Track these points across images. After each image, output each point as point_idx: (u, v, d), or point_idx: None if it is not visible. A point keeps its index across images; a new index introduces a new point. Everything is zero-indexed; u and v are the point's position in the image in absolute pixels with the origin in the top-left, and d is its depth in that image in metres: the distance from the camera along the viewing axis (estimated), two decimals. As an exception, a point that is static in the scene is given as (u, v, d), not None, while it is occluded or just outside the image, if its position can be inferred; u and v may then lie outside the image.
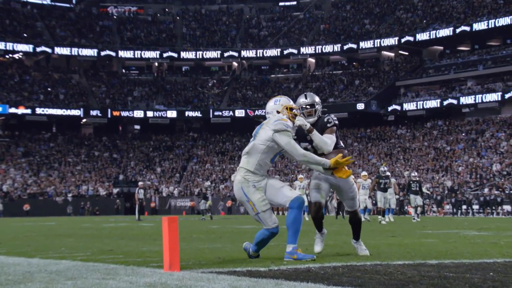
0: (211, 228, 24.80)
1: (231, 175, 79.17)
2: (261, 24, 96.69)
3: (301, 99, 10.11)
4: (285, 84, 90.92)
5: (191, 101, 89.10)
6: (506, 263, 8.70)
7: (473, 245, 12.21)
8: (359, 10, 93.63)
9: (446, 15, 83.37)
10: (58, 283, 6.69)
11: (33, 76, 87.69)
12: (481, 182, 64.32)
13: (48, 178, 76.83)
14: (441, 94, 78.93)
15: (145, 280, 6.79)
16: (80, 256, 10.53)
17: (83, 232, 21.53)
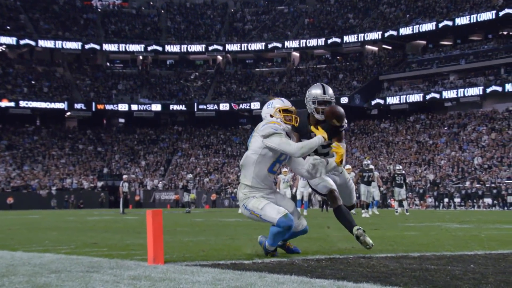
0: (195, 221, 24.78)
1: (215, 168, 79.50)
2: (246, 18, 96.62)
3: (318, 90, 9.40)
4: (270, 77, 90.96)
5: (175, 95, 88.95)
6: (486, 255, 8.77)
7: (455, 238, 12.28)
8: (343, 4, 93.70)
9: (429, 10, 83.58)
10: (42, 276, 6.67)
11: (17, 69, 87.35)
12: (463, 176, 64.59)
13: (32, 171, 76.56)
14: (424, 88, 79.19)
15: (129, 273, 6.78)
16: (64, 249, 10.48)
17: (67, 225, 21.45)
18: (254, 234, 13.96)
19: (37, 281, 6.30)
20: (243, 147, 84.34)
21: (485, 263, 7.78)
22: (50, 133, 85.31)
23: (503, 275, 6.58)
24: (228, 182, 73.67)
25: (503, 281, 6.14)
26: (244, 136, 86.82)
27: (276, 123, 8.64)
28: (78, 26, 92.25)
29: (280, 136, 8.47)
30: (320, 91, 9.36)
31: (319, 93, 9.33)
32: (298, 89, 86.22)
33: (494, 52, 76.20)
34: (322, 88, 9.40)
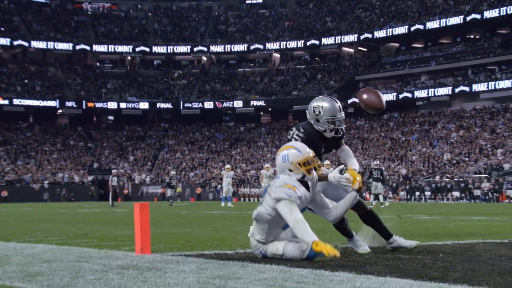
0: (181, 213, 24.75)
1: (200, 163, 79.36)
2: (229, 20, 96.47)
3: (333, 106, 7.90)
4: (252, 77, 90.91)
5: (162, 93, 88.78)
6: (454, 245, 8.83)
7: (425, 229, 12.35)
8: (321, 8, 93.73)
9: (401, 14, 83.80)
10: (34, 266, 6.67)
11: (11, 68, 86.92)
12: (433, 170, 64.83)
13: (25, 166, 76.31)
14: (397, 88, 79.36)
15: (118, 263, 6.78)
16: (56, 240, 10.48)
17: (58, 218, 21.38)
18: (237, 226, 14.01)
19: (30, 270, 6.29)
20: (226, 143, 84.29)
21: (453, 252, 7.84)
22: (42, 129, 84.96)
23: (470, 264, 6.63)
24: (212, 176, 73.57)
25: (469, 269, 6.19)
26: (227, 132, 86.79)
27: (292, 188, 7.17)
28: (69, 28, 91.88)
29: (287, 204, 7.11)
30: (337, 106, 7.88)
31: (337, 110, 7.85)
32: (279, 89, 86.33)
33: (462, 55, 76.55)
34: (338, 104, 7.94)
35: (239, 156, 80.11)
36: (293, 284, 5.19)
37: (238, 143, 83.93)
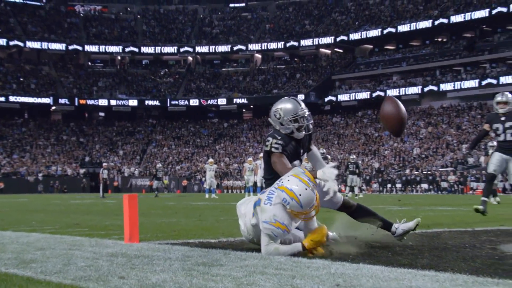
0: (168, 204, 24.72)
1: (186, 157, 79.25)
2: (214, 23, 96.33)
3: (290, 105, 7.07)
4: (235, 76, 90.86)
5: (150, 91, 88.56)
6: (422, 233, 8.88)
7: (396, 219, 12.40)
8: (300, 12, 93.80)
9: (375, 18, 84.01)
10: (29, 253, 6.65)
11: (7, 67, 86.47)
12: (404, 164, 65.16)
13: (21, 159, 76.06)
14: (371, 87, 79.64)
15: (108, 251, 6.76)
16: (49, 229, 10.43)
17: (52, 208, 21.31)
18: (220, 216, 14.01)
19: (24, 258, 6.28)
20: (210, 138, 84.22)
21: (421, 240, 7.89)
22: (37, 125, 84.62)
23: (437, 251, 6.68)
24: (197, 169, 73.50)
25: (436, 255, 6.24)
26: (212, 128, 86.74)
27: (282, 227, 6.31)
28: (62, 29, 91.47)
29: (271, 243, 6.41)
30: (295, 104, 7.03)
31: (296, 107, 7.00)
32: (260, 87, 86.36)
33: (430, 56, 77.02)
34: (296, 101, 7.10)
35: (222, 151, 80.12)
36: (273, 270, 5.20)
37: (222, 138, 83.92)
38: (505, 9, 70.37)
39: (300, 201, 6.08)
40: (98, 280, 4.76)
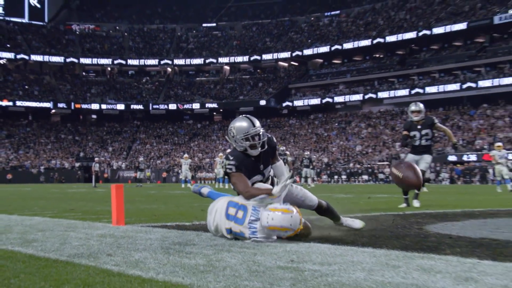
0: (150, 193, 24.63)
1: (165, 153, 78.96)
2: (189, 39, 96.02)
3: (244, 123, 6.20)
4: (207, 85, 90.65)
5: (135, 97, 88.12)
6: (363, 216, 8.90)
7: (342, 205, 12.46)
8: (262, 31, 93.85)
9: (324, 37, 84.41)
10: (31, 234, 6.62)
11: (14, 77, 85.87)
12: (348, 159, 65.47)
13: (26, 154, 75.63)
14: (321, 94, 79.93)
15: (98, 232, 6.72)
16: (49, 213, 10.33)
17: (51, 196, 21.14)
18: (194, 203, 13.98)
19: (27, 238, 6.25)
20: (186, 137, 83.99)
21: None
22: (39, 125, 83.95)
23: (374, 231, 6.72)
24: (175, 163, 73.21)
25: (373, 235, 6.28)
26: (187, 129, 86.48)
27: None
28: (61, 44, 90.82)
29: None
30: (247, 122, 6.16)
31: (248, 126, 6.13)
32: (228, 94, 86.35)
33: (370, 69, 77.76)
34: (249, 120, 6.21)
35: (196, 147, 79.92)
36: (238, 249, 5.21)
37: (196, 137, 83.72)
38: (429, 32, 71.81)
39: (292, 228, 5.54)
40: (89, 257, 4.74)
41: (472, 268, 4.04)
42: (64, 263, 4.44)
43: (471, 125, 63.90)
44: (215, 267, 4.17)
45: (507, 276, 3.76)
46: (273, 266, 4.17)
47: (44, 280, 3.70)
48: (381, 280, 3.61)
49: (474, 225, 7.63)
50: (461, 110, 67.72)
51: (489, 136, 60.14)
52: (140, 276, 3.80)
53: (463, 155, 58.40)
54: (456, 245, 5.39)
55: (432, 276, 3.73)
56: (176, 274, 3.89)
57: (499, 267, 4.10)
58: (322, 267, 4.12)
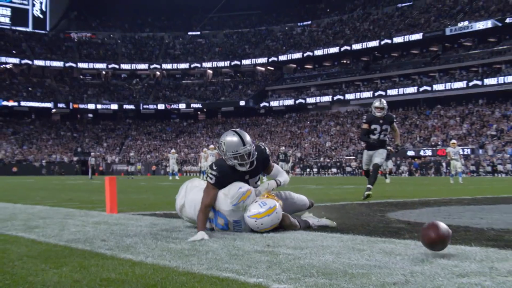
0: (140, 184, 24.58)
1: (155, 148, 78.69)
2: (176, 46, 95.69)
3: (234, 139, 5.49)
4: (192, 87, 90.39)
5: (127, 98, 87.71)
6: (332, 206, 8.94)
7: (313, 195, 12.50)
8: (242, 39, 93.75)
9: (297, 45, 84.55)
10: (34, 221, 6.59)
11: (19, 80, 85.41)
12: (319, 154, 65.66)
13: (29, 150, 75.31)
14: (294, 96, 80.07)
15: (93, 220, 6.69)
16: (49, 203, 10.25)
17: (52, 187, 21.01)
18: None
19: (30, 224, 6.21)
20: (173, 134, 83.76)
21: (331, 211, 7.95)
22: (41, 123, 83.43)
23: (342, 219, 6.75)
24: (163, 158, 72.94)
25: (342, 222, 6.30)
26: (174, 126, 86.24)
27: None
28: (61, 50, 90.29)
29: None
30: (237, 141, 5.45)
31: (238, 145, 5.43)
32: (211, 95, 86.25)
33: (338, 74, 78.10)
34: (239, 138, 5.48)
35: (182, 143, 79.69)
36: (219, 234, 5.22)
37: (182, 134, 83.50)
38: (390, 41, 72.35)
39: (279, 220, 5.35)
40: (85, 242, 4.71)
41: (428, 251, 4.07)
42: (62, 248, 4.41)
43: (427, 124, 64.48)
44: (198, 251, 4.17)
45: (457, 257, 3.80)
46: (251, 250, 4.17)
47: (45, 262, 3.69)
48: (348, 262, 3.62)
49: (429, 212, 7.69)
50: (418, 110, 68.33)
51: (442, 133, 60.74)
52: (131, 260, 3.79)
53: (420, 150, 58.94)
54: (414, 231, 5.43)
55: (393, 258, 3.75)
56: (163, 257, 3.87)
57: (451, 249, 4.15)
58: (295, 251, 4.13)
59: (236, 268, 3.43)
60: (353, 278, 3.08)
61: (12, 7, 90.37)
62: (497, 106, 62.01)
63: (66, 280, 3.09)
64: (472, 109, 63.42)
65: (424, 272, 3.27)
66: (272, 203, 5.36)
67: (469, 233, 5.20)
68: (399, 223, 6.24)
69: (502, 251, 4.08)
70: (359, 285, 2.90)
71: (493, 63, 63.81)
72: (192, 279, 3.09)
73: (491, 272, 3.27)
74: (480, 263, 3.58)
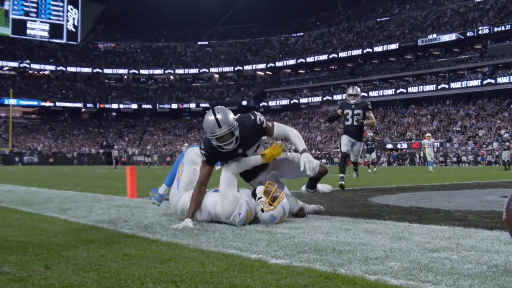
0: (157, 173, 24.60)
1: (169, 142, 78.73)
2: (187, 54, 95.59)
3: (211, 125, 4.54)
4: (201, 89, 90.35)
5: (145, 98, 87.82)
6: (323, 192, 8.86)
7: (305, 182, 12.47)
8: (244, 48, 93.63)
9: (291, 53, 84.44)
10: (66, 204, 6.60)
11: (55, 84, 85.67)
12: (310, 147, 65.60)
13: (63, 143, 75.66)
14: (290, 96, 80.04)
15: (116, 203, 6.69)
16: (80, 188, 10.25)
17: (82, 175, 21.01)
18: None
19: (63, 207, 6.21)
20: (185, 130, 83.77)
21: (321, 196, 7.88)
22: (73, 121, 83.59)
23: (330, 202, 6.71)
24: (176, 150, 73.04)
25: (329, 205, 6.27)
26: (186, 123, 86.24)
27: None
28: (89, 59, 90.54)
29: None
30: (212, 123, 4.51)
31: (213, 127, 4.50)
32: (218, 96, 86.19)
33: (327, 78, 78.00)
34: (214, 120, 4.50)
35: (193, 138, 79.63)
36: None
37: (192, 130, 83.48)
38: (371, 50, 72.69)
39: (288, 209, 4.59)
40: (109, 223, 4.70)
41: (404, 230, 4.07)
42: (90, 227, 4.42)
43: (403, 121, 64.51)
44: (207, 230, 4.16)
45: (429, 235, 3.80)
46: (252, 230, 4.17)
47: (75, 239, 3.69)
48: (336, 240, 3.61)
49: (405, 197, 7.67)
50: (396, 109, 68.34)
51: (416, 129, 60.79)
52: (148, 238, 3.78)
53: (397, 143, 58.99)
54: (392, 212, 5.42)
55: (375, 236, 3.74)
56: (176, 236, 3.87)
57: (424, 229, 4.14)
58: (290, 230, 4.12)
59: (240, 245, 3.42)
60: (341, 254, 3.07)
61: (50, 23, 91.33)
62: (461, 106, 62.15)
63: (93, 255, 3.10)
64: (441, 109, 63.48)
65: (402, 248, 3.26)
66: (279, 212, 4.45)
67: (439, 214, 5.20)
68: (380, 206, 6.23)
69: (466, 229, 4.11)
70: (346, 260, 2.90)
71: (458, 70, 64.05)
72: (201, 255, 3.08)
73: (457, 247, 3.29)
74: (448, 240, 3.58)
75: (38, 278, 2.53)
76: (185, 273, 2.61)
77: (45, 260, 2.97)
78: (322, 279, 2.47)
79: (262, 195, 4.49)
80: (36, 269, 2.71)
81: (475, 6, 69.06)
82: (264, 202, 4.45)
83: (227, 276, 2.53)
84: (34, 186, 11.24)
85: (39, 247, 3.39)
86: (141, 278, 2.51)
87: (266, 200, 4.45)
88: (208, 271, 2.64)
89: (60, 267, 2.76)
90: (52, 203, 6.84)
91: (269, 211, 4.44)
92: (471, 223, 4.47)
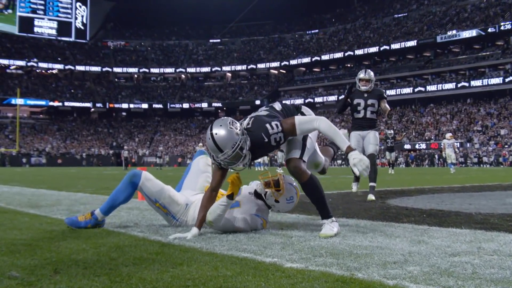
0: (168, 174, 24.66)
1: (180, 143, 78.94)
2: (199, 52, 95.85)
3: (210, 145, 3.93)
4: (213, 88, 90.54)
5: (156, 98, 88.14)
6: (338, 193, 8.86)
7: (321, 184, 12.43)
8: (257, 45, 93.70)
9: (306, 50, 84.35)
10: (75, 206, 6.62)
11: (63, 83, 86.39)
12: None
13: (72, 144, 76.06)
14: (304, 95, 79.89)
15: (127, 206, 6.67)
16: (89, 190, 10.30)
17: (91, 176, 21.13)
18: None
19: (73, 209, 6.23)
20: (197, 130, 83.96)
21: (337, 197, 7.86)
22: (82, 121, 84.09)
23: (347, 204, 6.68)
24: (188, 151, 73.28)
25: (347, 208, 6.24)
26: (197, 123, 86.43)
27: None
28: (99, 57, 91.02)
29: None
30: (213, 148, 3.92)
31: (214, 150, 3.93)
32: (230, 95, 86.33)
33: (342, 76, 77.61)
34: (215, 145, 3.88)
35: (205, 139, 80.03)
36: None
37: (204, 130, 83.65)
38: (388, 47, 72.39)
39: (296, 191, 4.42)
40: (120, 226, 4.73)
41: (424, 233, 4.04)
42: (100, 230, 4.43)
43: (421, 120, 64.15)
44: (220, 234, 4.16)
45: (450, 238, 3.77)
46: (267, 233, 4.16)
47: (85, 243, 3.70)
48: (353, 243, 3.60)
49: (424, 199, 7.63)
50: (414, 109, 67.98)
51: (435, 129, 60.41)
52: (160, 241, 3.79)
53: (416, 144, 58.70)
54: (411, 215, 5.39)
55: (393, 240, 3.72)
56: (188, 239, 3.87)
57: (444, 232, 4.11)
58: (306, 233, 4.11)
59: (254, 249, 3.42)
60: (358, 258, 3.06)
61: (58, 21, 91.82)
62: (482, 105, 61.65)
63: (104, 259, 3.10)
64: (461, 108, 63.02)
65: (421, 252, 3.24)
66: (290, 190, 4.36)
67: (459, 217, 5.16)
68: (398, 209, 6.19)
69: (488, 232, 4.07)
70: (363, 264, 2.88)
71: (478, 67, 63.52)
72: (214, 259, 3.08)
73: (479, 251, 3.26)
74: (469, 243, 3.55)
75: (47, 282, 2.53)
76: (198, 277, 2.61)
77: (54, 264, 2.97)
78: (339, 283, 2.46)
79: (266, 190, 4.34)
80: (45, 274, 2.72)
81: (496, 0, 68.44)
82: (272, 192, 4.30)
83: (241, 281, 2.53)
84: (42, 188, 11.30)
85: (47, 250, 3.40)
86: (153, 283, 2.51)
87: (272, 190, 4.29)
88: (221, 275, 2.64)
89: (69, 271, 2.77)
90: (61, 205, 6.87)
91: (282, 196, 4.31)
92: (493, 226, 4.43)
